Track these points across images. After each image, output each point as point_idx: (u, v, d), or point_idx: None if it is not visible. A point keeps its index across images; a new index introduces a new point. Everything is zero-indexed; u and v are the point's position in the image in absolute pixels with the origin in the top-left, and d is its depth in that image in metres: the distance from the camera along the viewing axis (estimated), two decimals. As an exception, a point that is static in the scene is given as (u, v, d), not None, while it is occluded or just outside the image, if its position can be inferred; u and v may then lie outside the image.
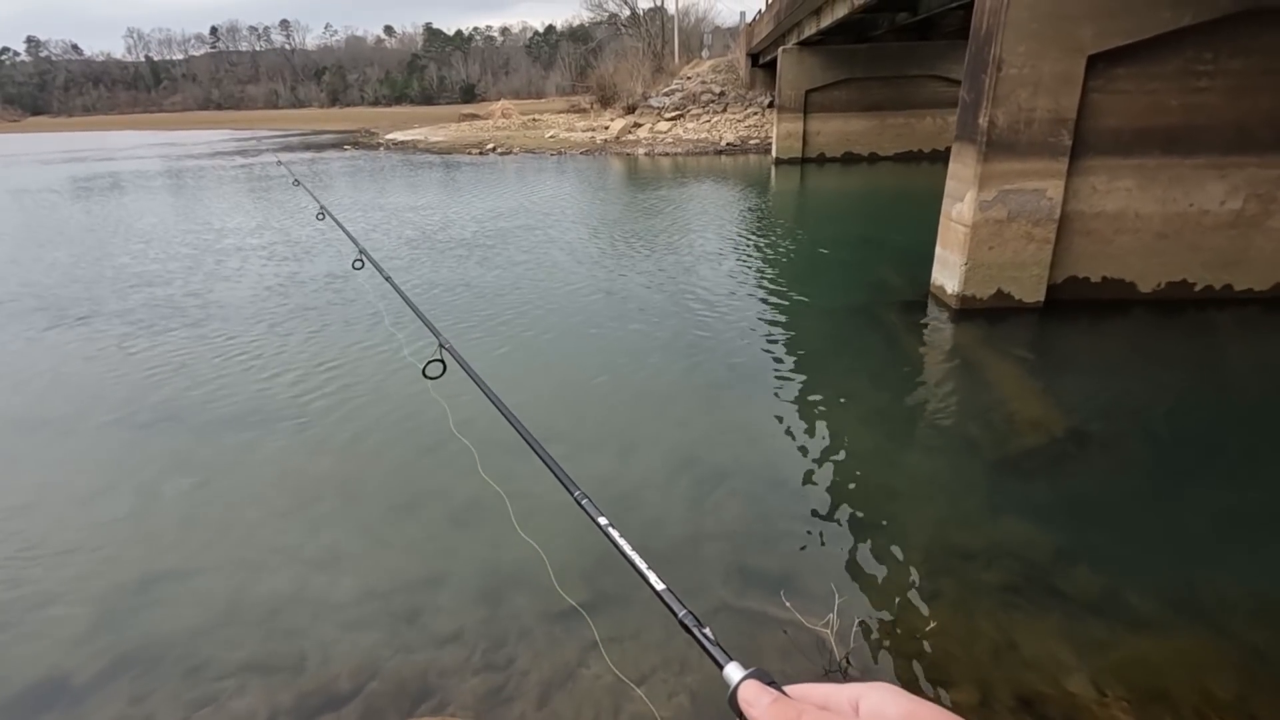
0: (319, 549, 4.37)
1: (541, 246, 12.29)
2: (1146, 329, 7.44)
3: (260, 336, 8.13)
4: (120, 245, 13.81)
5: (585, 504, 1.24)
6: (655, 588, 0.95)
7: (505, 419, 1.68)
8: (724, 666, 0.68)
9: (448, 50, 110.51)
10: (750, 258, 11.26)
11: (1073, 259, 7.59)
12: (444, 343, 2.37)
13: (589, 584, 3.95)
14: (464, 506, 4.70)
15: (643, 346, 7.40)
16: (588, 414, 6.05)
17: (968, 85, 7.35)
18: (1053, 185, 7.13)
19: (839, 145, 23.68)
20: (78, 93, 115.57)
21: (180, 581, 4.14)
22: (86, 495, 5.03)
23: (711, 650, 0.76)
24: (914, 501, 4.84)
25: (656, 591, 0.94)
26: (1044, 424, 5.62)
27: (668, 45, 45.76)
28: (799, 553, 4.29)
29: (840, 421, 5.81)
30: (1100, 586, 3.93)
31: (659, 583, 0.95)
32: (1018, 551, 4.25)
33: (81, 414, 6.30)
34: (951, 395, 6.24)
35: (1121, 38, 6.58)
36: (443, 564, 4.20)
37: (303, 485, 5.08)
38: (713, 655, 0.75)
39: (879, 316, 8.10)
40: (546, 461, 1.44)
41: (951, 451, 5.38)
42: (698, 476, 5.06)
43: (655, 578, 0.96)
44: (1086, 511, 4.61)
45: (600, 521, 1.16)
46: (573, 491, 1.28)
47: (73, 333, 8.56)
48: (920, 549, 4.32)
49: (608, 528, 1.13)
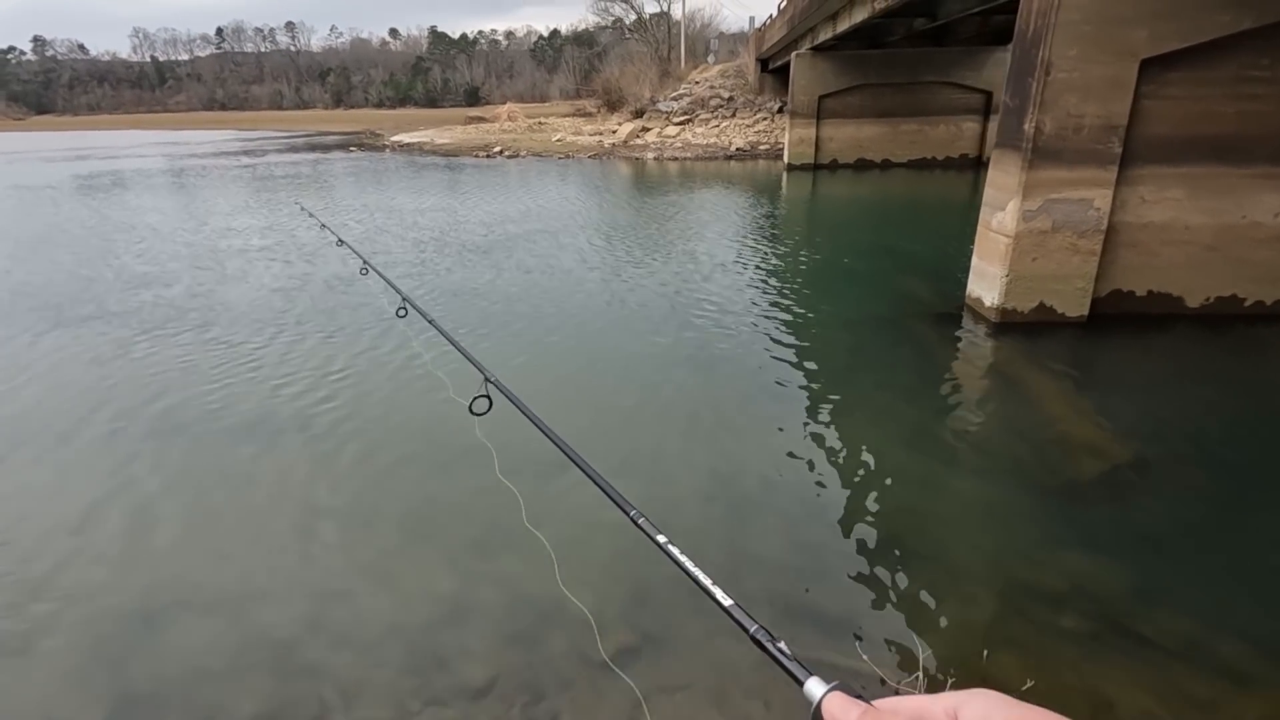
0: (336, 579, 4.04)
1: (555, 254, 11.98)
2: (1194, 345, 7.12)
3: (281, 349, 7.81)
4: (124, 246, 13.51)
5: (642, 523, 1.21)
6: (722, 604, 0.91)
7: (554, 444, 1.61)
8: (804, 682, 0.65)
9: (452, 53, 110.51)
10: (770, 266, 10.95)
11: (1117, 271, 7.27)
12: (490, 377, 2.15)
13: (630, 626, 3.63)
14: (488, 532, 4.38)
15: (668, 361, 7.07)
16: (612, 435, 5.70)
17: (1011, 90, 7.04)
18: (1100, 195, 6.82)
19: (851, 151, 23.41)
20: (82, 91, 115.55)
21: (186, 614, 3.81)
22: (82, 516, 4.69)
23: (789, 665, 0.72)
24: (969, 532, 4.52)
25: (724, 607, 0.90)
26: (1100, 448, 5.29)
27: (673, 50, 45.58)
28: (851, 591, 3.96)
29: (882, 442, 5.48)
30: (1186, 632, 3.60)
31: (725, 598, 0.91)
32: (1091, 591, 3.92)
33: (78, 423, 5.98)
34: (997, 415, 5.92)
35: (1177, 41, 6.28)
36: (470, 599, 3.87)
37: (318, 508, 4.75)
38: (790, 671, 0.71)
39: (911, 329, 7.78)
40: (599, 483, 1.40)
41: (1004, 477, 5.05)
42: (736, 503, 4.73)
43: (721, 593, 0.92)
44: (1157, 546, 4.28)
45: (659, 539, 1.13)
46: (628, 511, 1.25)
47: (71, 335, 8.24)
48: (984, 587, 3.99)
49: (667, 545, 1.11)
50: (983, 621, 3.75)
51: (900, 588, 3.97)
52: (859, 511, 4.66)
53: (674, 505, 4.73)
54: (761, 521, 4.54)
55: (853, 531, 4.45)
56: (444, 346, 2.57)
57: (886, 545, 4.32)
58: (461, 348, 2.45)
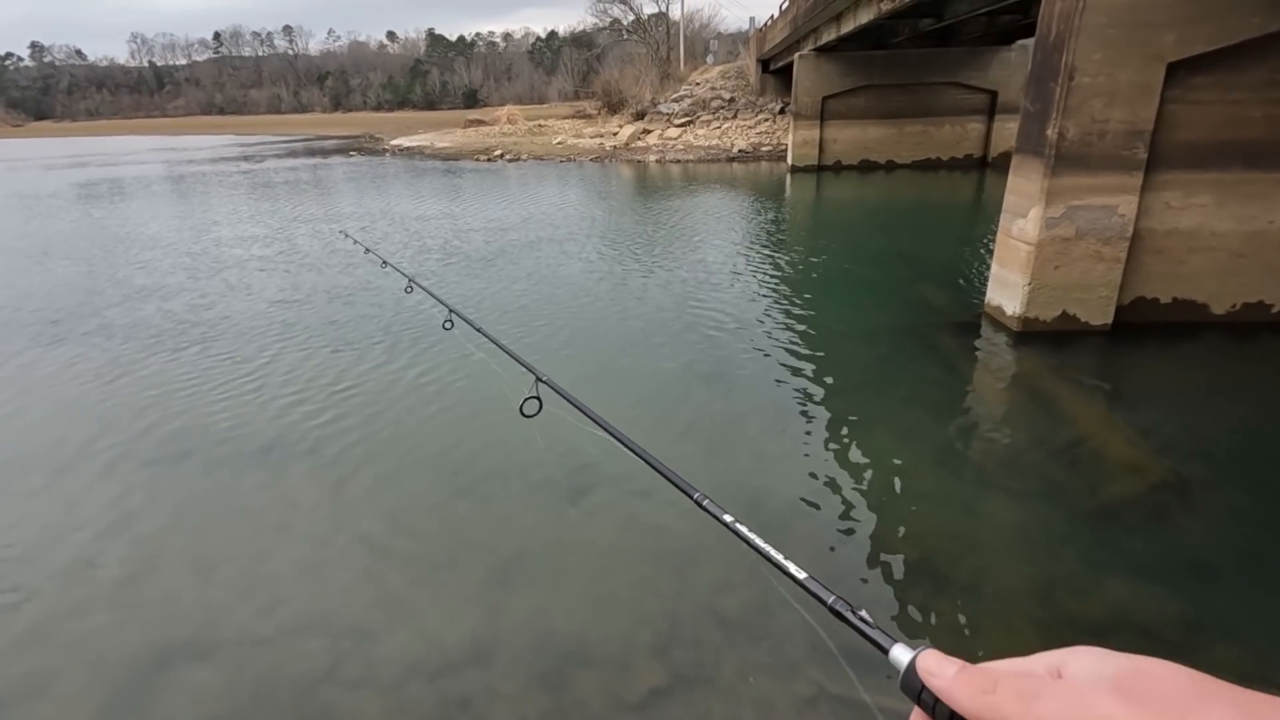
0: (356, 613, 3.88)
1: (560, 265, 11.81)
2: (1223, 354, 6.95)
3: (303, 362, 7.65)
4: (124, 257, 13.36)
5: (707, 504, 1.21)
6: (796, 577, 0.89)
7: (611, 436, 1.60)
8: (889, 649, 0.63)
9: (450, 55, 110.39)
10: (782, 274, 10.78)
11: (1142, 279, 7.11)
12: (542, 376, 2.12)
13: (662, 662, 3.47)
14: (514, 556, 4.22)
15: (685, 379, 6.89)
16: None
17: (1032, 94, 6.88)
18: (1125, 201, 6.66)
19: (856, 153, 23.26)
20: (81, 97, 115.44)
21: (198, 657, 3.65)
22: (84, 548, 4.53)
23: (872, 634, 0.71)
24: (1006, 558, 4.36)
25: (798, 580, 0.88)
26: (1137, 466, 5.13)
27: (673, 51, 45.43)
28: (886, 626, 3.80)
29: (909, 462, 5.32)
30: (1246, 667, 3.44)
31: (800, 571, 0.90)
32: (1141, 622, 3.76)
33: (80, 447, 5.82)
34: (1027, 431, 5.76)
35: (1205, 44, 6.12)
36: (492, 630, 3.71)
37: (335, 535, 4.59)
38: (874, 639, 0.69)
39: (931, 340, 7.62)
40: (660, 469, 1.38)
41: (1038, 498, 4.89)
42: (761, 530, 4.56)
43: (795, 567, 0.91)
44: (1205, 572, 4.12)
45: (725, 519, 1.14)
46: (692, 494, 1.26)
47: (71, 351, 8.08)
48: (1026, 619, 3.83)
49: (735, 524, 1.12)
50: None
51: (938, 621, 3.82)
52: (889, 537, 4.50)
53: (699, 530, 4.57)
54: (784, 548, 4.36)
55: (884, 559, 4.29)
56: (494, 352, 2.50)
57: (920, 573, 4.16)
58: (514, 354, 2.52)
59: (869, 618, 0.75)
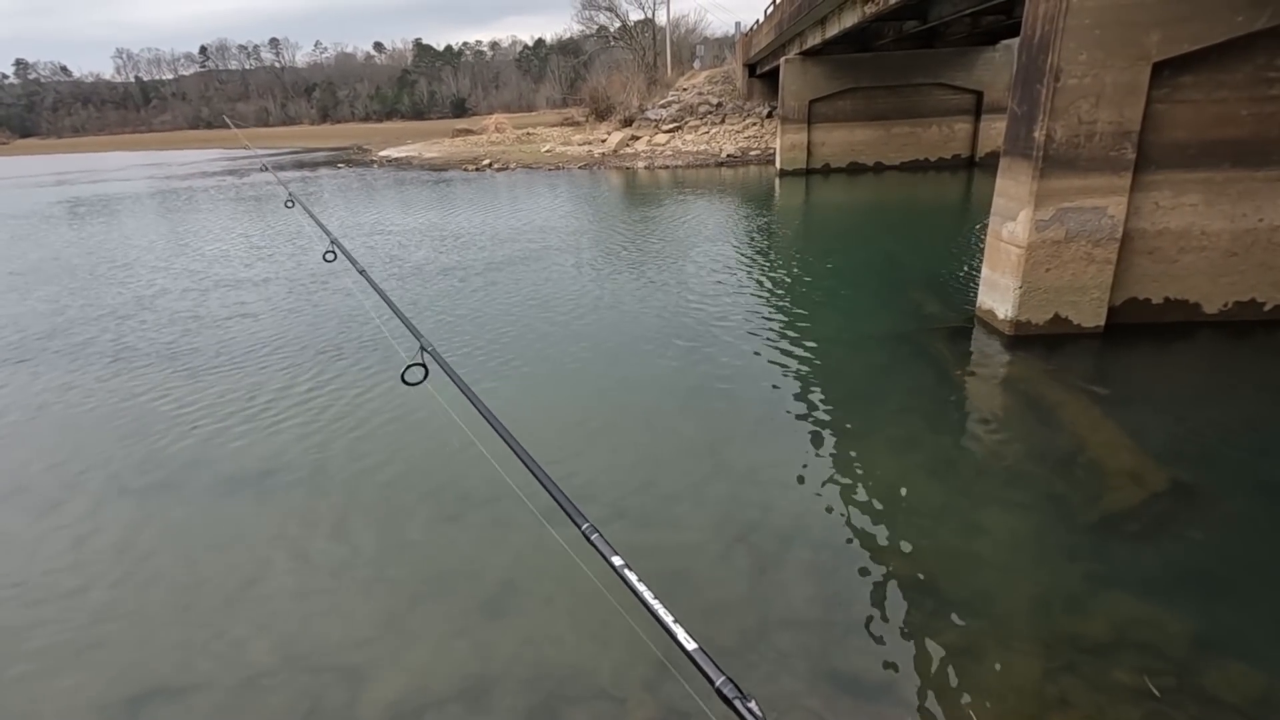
0: (341, 648, 3.74)
1: (548, 278, 11.70)
2: (1216, 354, 6.90)
3: (281, 392, 7.50)
4: (110, 276, 13.17)
5: (595, 539, 1.06)
6: (685, 647, 0.78)
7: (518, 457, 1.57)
8: None
9: (438, 65, 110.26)
10: (772, 280, 10.70)
11: (1133, 280, 7.05)
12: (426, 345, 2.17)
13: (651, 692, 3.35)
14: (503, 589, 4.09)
15: (675, 391, 6.78)
16: (619, 475, 5.40)
17: (1019, 96, 6.82)
18: (1114, 202, 6.60)
19: (844, 155, 23.25)
20: (66, 113, 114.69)
21: (174, 698, 3.51)
22: (63, 583, 4.38)
23: None
24: (1006, 573, 4.25)
25: (687, 652, 0.77)
26: (1136, 473, 5.04)
27: (660, 57, 45.47)
28: (885, 649, 3.68)
29: (904, 474, 5.22)
30: (1259, 686, 3.34)
31: (689, 641, 0.80)
32: (1147, 640, 3.66)
33: (63, 478, 5.66)
34: (1024, 438, 5.67)
35: (1190, 43, 6.07)
36: (482, 666, 3.58)
37: (317, 566, 4.44)
38: None
39: (923, 345, 7.53)
40: (553, 493, 1.28)
41: (1037, 509, 4.79)
42: (754, 549, 4.45)
43: (685, 634, 0.80)
44: (1213, 584, 4.03)
45: (615, 561, 0.98)
46: (580, 524, 1.11)
47: (54, 378, 7.91)
48: (1029, 638, 3.72)
49: (623, 569, 0.96)
50: (1030, 679, 3.48)
51: (938, 641, 3.70)
52: (886, 554, 4.39)
53: (689, 552, 4.45)
54: (782, 570, 4.26)
55: (882, 578, 4.18)
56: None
57: (919, 593, 4.05)
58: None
59: (759, 711, 0.69)
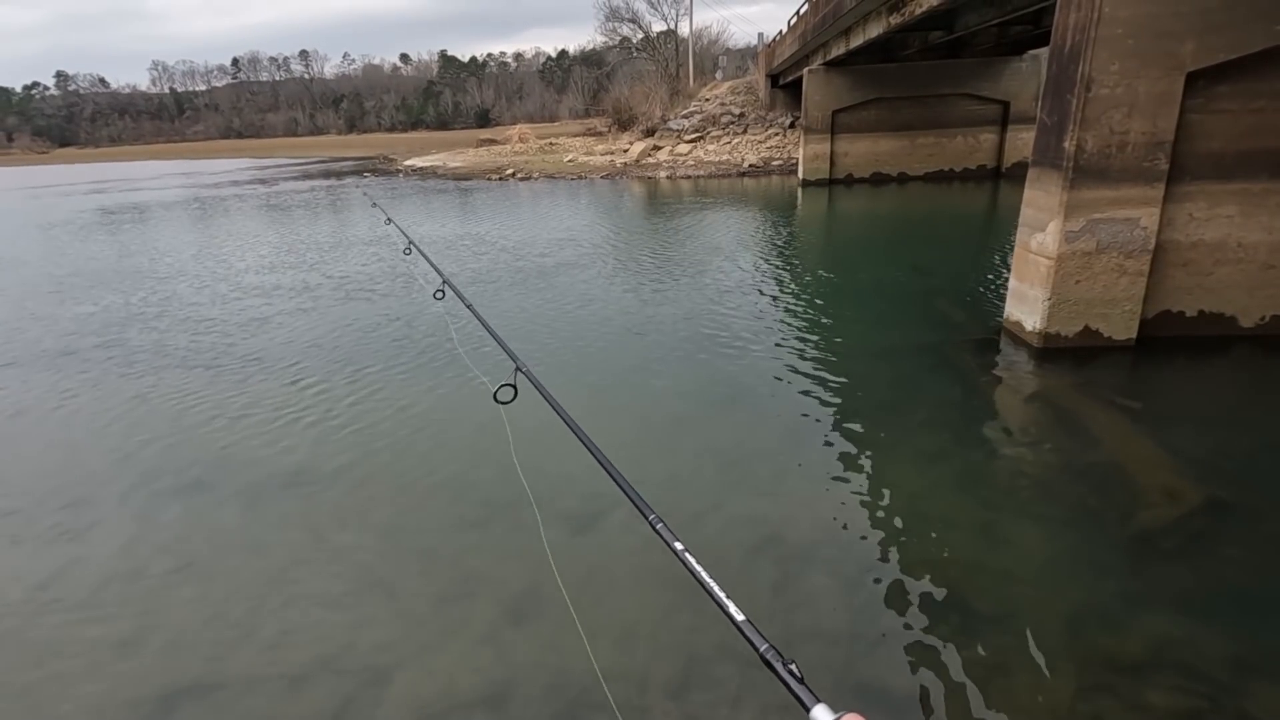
0: (367, 652, 3.78)
1: (572, 285, 11.78)
2: (1252, 368, 6.74)
3: (298, 386, 7.64)
4: (145, 283, 13.51)
5: (660, 529, 1.20)
6: (735, 618, 0.88)
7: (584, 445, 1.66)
8: (810, 709, 0.63)
9: (462, 76, 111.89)
10: (797, 290, 10.66)
11: (1166, 292, 6.92)
12: (521, 366, 2.43)
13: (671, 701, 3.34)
14: (522, 601, 4.11)
15: (702, 401, 6.78)
16: (643, 488, 5.43)
17: (1049, 106, 6.76)
18: (1147, 214, 6.50)
19: (867, 166, 23.16)
20: (104, 124, 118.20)
21: (203, 697, 3.57)
22: (94, 586, 4.48)
23: (797, 690, 0.69)
24: (1037, 590, 4.18)
25: (736, 623, 0.87)
26: (1171, 490, 4.93)
27: (682, 68, 45.72)
28: (913, 662, 3.64)
29: (933, 486, 5.16)
30: (1299, 711, 3.25)
31: (739, 613, 0.90)
32: (1182, 660, 3.57)
33: (96, 482, 5.80)
34: (1055, 453, 5.57)
35: (1225, 53, 5.98)
36: (505, 674, 3.60)
37: (344, 571, 4.51)
38: (798, 695, 0.68)
39: (949, 357, 7.46)
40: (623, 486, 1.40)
41: (1069, 525, 4.71)
42: (782, 558, 4.42)
43: (735, 608, 0.91)
44: (1251, 605, 3.93)
45: (676, 547, 1.16)
46: (648, 515, 1.24)
47: (81, 379, 8.12)
48: (1061, 656, 3.65)
49: (684, 554, 1.14)
50: (1063, 698, 3.41)
51: (968, 657, 3.65)
52: (915, 566, 4.34)
53: (713, 560, 4.43)
54: (807, 581, 4.23)
55: (910, 591, 4.13)
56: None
57: (949, 607, 4.00)
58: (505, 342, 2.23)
59: (798, 672, 0.73)
